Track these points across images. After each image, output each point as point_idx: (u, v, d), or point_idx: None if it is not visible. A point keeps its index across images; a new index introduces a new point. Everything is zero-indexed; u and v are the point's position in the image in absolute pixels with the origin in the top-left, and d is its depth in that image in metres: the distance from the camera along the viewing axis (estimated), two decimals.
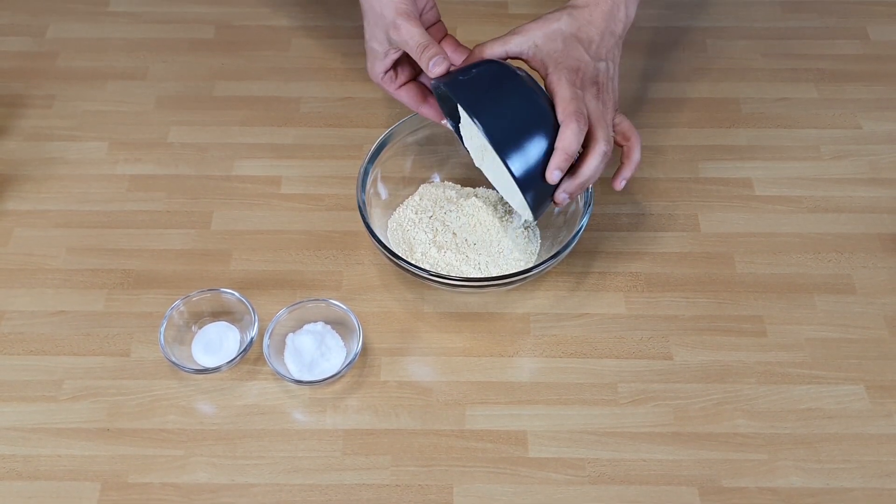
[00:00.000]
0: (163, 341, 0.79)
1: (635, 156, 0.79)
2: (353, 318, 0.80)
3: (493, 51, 0.77)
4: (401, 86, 0.81)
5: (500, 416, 0.78)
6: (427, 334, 0.83)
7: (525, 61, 0.78)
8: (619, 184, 0.79)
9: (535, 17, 0.78)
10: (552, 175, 0.72)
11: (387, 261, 0.83)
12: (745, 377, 0.80)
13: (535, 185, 0.72)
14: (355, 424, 0.78)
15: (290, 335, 0.81)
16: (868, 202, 0.93)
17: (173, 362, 0.78)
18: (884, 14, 1.12)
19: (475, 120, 0.70)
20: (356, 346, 0.79)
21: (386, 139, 0.86)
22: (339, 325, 0.81)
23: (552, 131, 0.72)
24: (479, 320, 0.84)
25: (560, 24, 0.77)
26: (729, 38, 1.09)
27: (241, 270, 0.87)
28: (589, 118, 0.74)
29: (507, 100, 0.72)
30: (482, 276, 0.82)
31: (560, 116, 0.72)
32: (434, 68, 0.73)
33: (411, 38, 0.74)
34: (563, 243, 0.80)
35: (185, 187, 0.94)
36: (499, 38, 0.78)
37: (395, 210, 0.89)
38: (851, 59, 1.07)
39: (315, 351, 0.79)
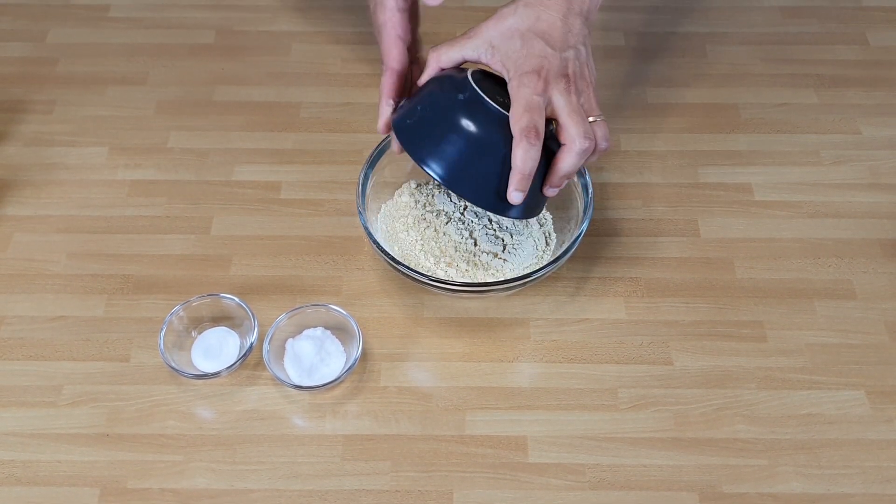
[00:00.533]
0: (162, 346, 0.78)
1: (559, 164, 0.72)
2: (352, 323, 0.80)
3: (450, 56, 0.74)
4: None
5: (500, 422, 0.78)
6: (427, 339, 0.83)
7: (485, 65, 0.75)
8: (546, 191, 0.75)
9: (490, 14, 0.74)
10: (512, 197, 0.71)
11: (387, 266, 0.83)
12: (746, 382, 0.80)
13: (508, 206, 0.73)
14: (355, 430, 0.78)
15: (290, 340, 0.81)
16: (868, 207, 0.93)
17: (173, 368, 0.78)
18: (883, 20, 1.12)
19: (425, 169, 0.72)
20: (356, 352, 0.79)
21: (386, 144, 0.86)
22: (339, 331, 0.81)
23: (507, 151, 0.71)
24: (479, 325, 0.84)
25: (514, 19, 0.72)
26: (728, 44, 1.10)
27: (240, 276, 0.87)
28: (557, 115, 0.71)
29: (451, 136, 0.72)
30: (481, 280, 0.82)
31: (513, 134, 0.70)
32: (380, 121, 0.77)
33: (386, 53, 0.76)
34: (563, 248, 0.80)
35: (185, 192, 0.94)
36: (454, 40, 0.74)
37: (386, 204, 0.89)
38: (851, 64, 1.07)
39: (315, 356, 0.79)
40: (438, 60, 0.75)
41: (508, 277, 0.82)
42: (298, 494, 0.74)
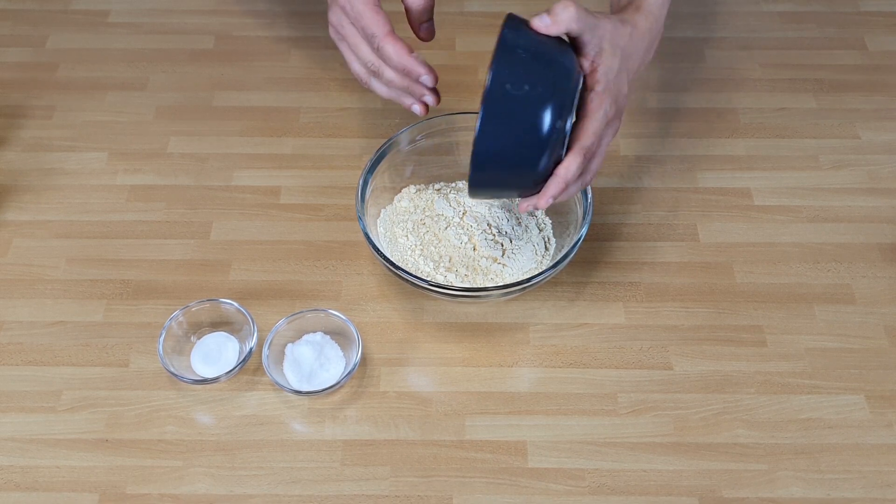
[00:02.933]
0: (161, 352, 0.78)
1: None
2: (352, 328, 0.80)
3: (570, 23, 0.68)
4: None
5: (500, 427, 0.78)
6: (426, 344, 0.83)
7: (579, 44, 0.70)
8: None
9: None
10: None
11: (386, 271, 0.83)
12: (745, 387, 0.80)
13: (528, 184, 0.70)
14: (354, 435, 0.78)
15: (290, 345, 0.81)
16: (867, 212, 0.93)
17: (172, 373, 0.78)
18: (882, 24, 1.12)
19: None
20: (355, 357, 0.79)
21: (385, 149, 0.86)
22: (339, 336, 0.81)
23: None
24: (479, 330, 0.84)
25: (624, 37, 0.71)
26: (727, 49, 1.10)
27: (240, 280, 0.87)
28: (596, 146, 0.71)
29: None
30: (481, 285, 0.82)
31: (573, 145, 0.69)
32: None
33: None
34: (563, 253, 0.80)
35: (184, 197, 0.94)
36: (585, 12, 0.69)
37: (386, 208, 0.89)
38: (850, 69, 1.07)
39: (314, 361, 0.79)
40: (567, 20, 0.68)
41: (508, 282, 0.82)
42: (298, 500, 0.74)
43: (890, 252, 0.90)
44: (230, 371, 0.78)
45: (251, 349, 0.79)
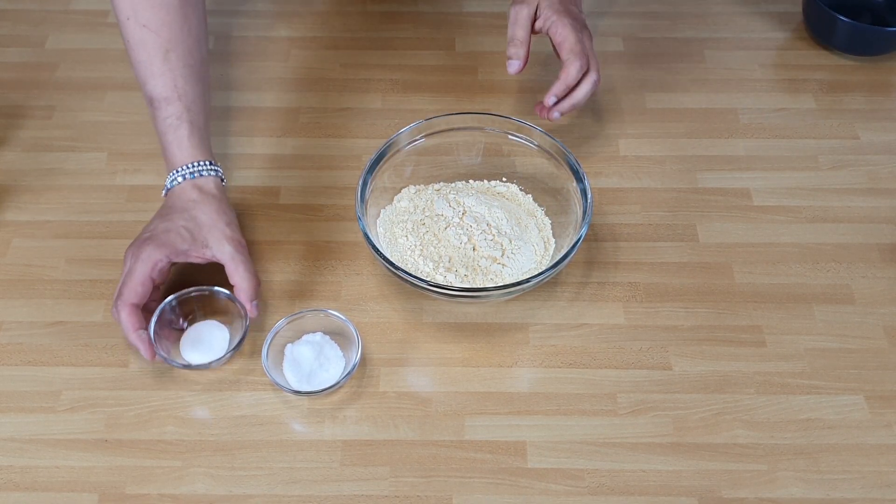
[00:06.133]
0: (153, 332, 0.78)
1: (568, 75, 0.89)
2: (351, 328, 0.80)
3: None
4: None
5: (499, 427, 0.78)
6: (426, 345, 0.83)
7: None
8: (548, 99, 0.90)
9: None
10: (549, 100, 0.89)
11: (386, 271, 0.83)
12: (745, 387, 0.80)
13: None
14: (354, 435, 0.78)
15: (289, 346, 0.81)
16: (866, 212, 0.93)
17: (162, 356, 0.77)
18: None
19: None
20: (355, 357, 0.79)
21: (385, 150, 0.86)
22: (338, 336, 0.81)
23: None
24: (478, 331, 0.84)
25: None
26: (727, 49, 1.10)
27: None
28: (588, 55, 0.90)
29: None
30: (480, 285, 0.82)
31: (566, 55, 0.89)
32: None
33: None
34: (563, 253, 0.80)
35: None
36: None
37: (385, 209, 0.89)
38: (849, 69, 1.07)
39: (314, 361, 0.79)
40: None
41: (507, 282, 0.82)
42: (297, 500, 0.74)
43: (889, 252, 0.90)
44: (220, 358, 0.78)
45: (243, 337, 0.79)
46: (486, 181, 0.92)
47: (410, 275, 0.78)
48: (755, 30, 1.12)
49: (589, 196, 0.83)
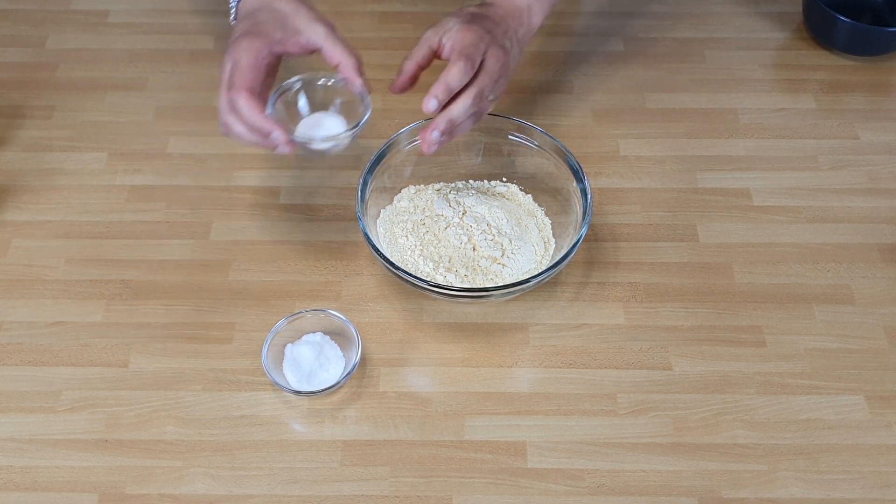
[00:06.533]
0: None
1: (448, 74, 0.76)
2: (351, 328, 0.80)
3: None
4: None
5: (500, 427, 0.78)
6: (426, 345, 0.83)
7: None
8: (428, 103, 0.76)
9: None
10: (429, 103, 0.75)
11: (386, 271, 0.83)
12: (745, 387, 0.80)
13: None
14: (354, 435, 0.78)
15: (289, 346, 0.81)
16: (866, 212, 0.93)
17: (299, 138, 0.75)
18: None
19: None
20: (355, 357, 0.79)
21: (385, 150, 0.86)
22: (338, 336, 0.81)
23: None
24: (478, 331, 0.84)
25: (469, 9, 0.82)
26: (727, 49, 1.10)
27: (239, 281, 0.87)
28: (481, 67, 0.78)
29: None
30: (480, 285, 0.82)
31: (453, 55, 0.76)
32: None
33: None
34: (563, 253, 0.80)
35: (184, 198, 0.94)
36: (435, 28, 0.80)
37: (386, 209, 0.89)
38: (849, 69, 1.07)
39: (314, 361, 0.79)
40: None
41: (507, 282, 0.82)
42: (297, 500, 0.74)
43: (889, 252, 0.90)
44: (350, 130, 0.76)
45: (365, 114, 0.77)
46: (486, 181, 0.92)
47: (410, 275, 0.78)
48: (755, 30, 1.12)
49: (589, 196, 0.83)
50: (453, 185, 0.91)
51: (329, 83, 0.80)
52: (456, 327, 0.85)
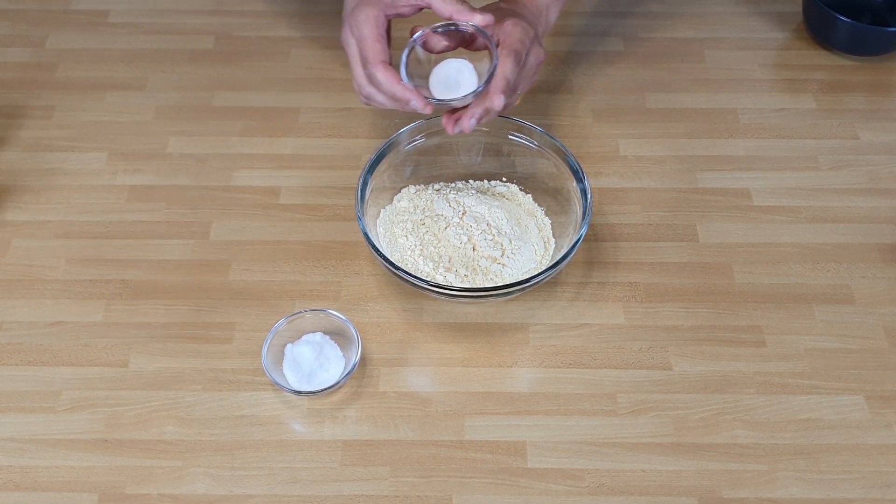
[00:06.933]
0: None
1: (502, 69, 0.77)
2: (351, 328, 0.80)
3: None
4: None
5: (500, 427, 0.78)
6: (426, 345, 0.83)
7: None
8: (497, 100, 0.77)
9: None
10: (497, 100, 0.75)
11: (386, 271, 0.83)
12: (745, 387, 0.80)
13: None
14: (354, 435, 0.78)
15: (289, 346, 0.81)
16: (866, 212, 0.93)
17: (436, 100, 0.77)
18: None
19: None
20: (355, 357, 0.79)
21: (385, 149, 0.86)
22: (338, 336, 0.81)
23: None
24: (478, 331, 0.84)
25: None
26: (727, 49, 1.10)
27: (239, 280, 0.87)
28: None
29: None
30: (480, 285, 0.82)
31: (503, 50, 0.77)
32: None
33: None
34: (563, 253, 0.80)
35: (184, 198, 0.94)
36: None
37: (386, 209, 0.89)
38: (849, 69, 1.07)
39: (314, 361, 0.79)
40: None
41: (507, 282, 0.82)
42: (297, 500, 0.74)
43: (889, 252, 0.90)
44: (480, 87, 0.77)
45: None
46: (486, 181, 0.92)
47: (410, 275, 0.78)
48: (755, 30, 1.12)
49: (589, 196, 0.83)
50: (453, 185, 0.91)
51: (451, 29, 0.80)
52: (456, 327, 0.85)
